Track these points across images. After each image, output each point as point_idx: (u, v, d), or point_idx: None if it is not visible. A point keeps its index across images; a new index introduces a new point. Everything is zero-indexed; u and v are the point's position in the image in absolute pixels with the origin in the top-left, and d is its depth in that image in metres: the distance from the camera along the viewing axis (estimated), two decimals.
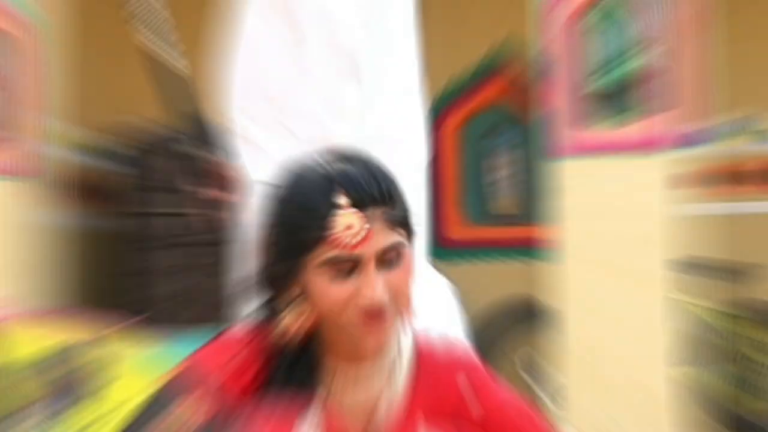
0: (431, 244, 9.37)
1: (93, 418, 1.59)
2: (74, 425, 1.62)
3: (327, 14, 3.36)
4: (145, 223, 8.33)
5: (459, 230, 9.79)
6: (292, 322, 2.39)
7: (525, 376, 8.18)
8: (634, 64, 6.42)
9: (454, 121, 9.68)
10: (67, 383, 1.55)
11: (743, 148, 9.57)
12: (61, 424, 1.59)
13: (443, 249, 9.30)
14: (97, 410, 1.60)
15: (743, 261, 9.05)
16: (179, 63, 3.63)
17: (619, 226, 6.45)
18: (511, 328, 8.84)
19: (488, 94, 9.54)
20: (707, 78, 6.98)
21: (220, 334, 2.59)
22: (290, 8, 3.47)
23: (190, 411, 1.89)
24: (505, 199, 9.70)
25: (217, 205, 3.69)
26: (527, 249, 8.19)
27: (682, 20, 6.48)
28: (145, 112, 6.92)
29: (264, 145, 3.41)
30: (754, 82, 9.51)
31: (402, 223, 2.38)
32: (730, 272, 8.75)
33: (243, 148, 3.47)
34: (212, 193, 3.55)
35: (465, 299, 8.69)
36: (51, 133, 6.81)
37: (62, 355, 1.52)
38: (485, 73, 9.56)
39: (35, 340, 1.53)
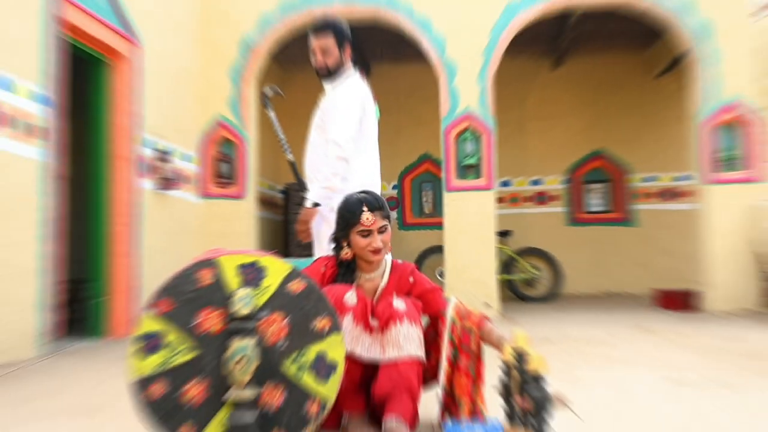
0: (401, 225, 9.75)
1: (258, 291, 1.76)
2: (252, 295, 1.78)
3: (336, 136, 3.16)
4: (289, 217, 8.37)
5: (411, 219, 9.58)
6: (345, 254, 2.43)
7: (438, 276, 8.03)
8: (478, 156, 6.76)
9: (409, 177, 9.60)
10: (252, 275, 1.76)
11: (524, 187, 9.39)
12: (248, 295, 1.75)
13: (405, 227, 9.61)
14: (259, 288, 1.79)
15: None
16: (291, 155, 3.79)
17: (472, 218, 6.75)
18: (431, 256, 8.69)
19: (422, 167, 9.54)
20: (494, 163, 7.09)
21: (316, 260, 2.58)
22: (324, 129, 3.26)
23: (299, 283, 1.86)
24: (428, 207, 9.52)
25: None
26: (437, 226, 8.12)
27: (486, 145, 6.80)
28: (286, 175, 6.78)
29: (313, 185, 3.26)
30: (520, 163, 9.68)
31: (387, 217, 2.42)
32: (509, 233, 8.86)
33: (309, 186, 3.33)
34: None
35: (413, 246, 8.99)
36: (251, 180, 6.93)
37: (249, 265, 1.72)
38: (420, 161, 9.52)
39: (241, 259, 1.73)
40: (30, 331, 4.28)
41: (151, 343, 1.68)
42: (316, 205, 3.20)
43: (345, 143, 3.17)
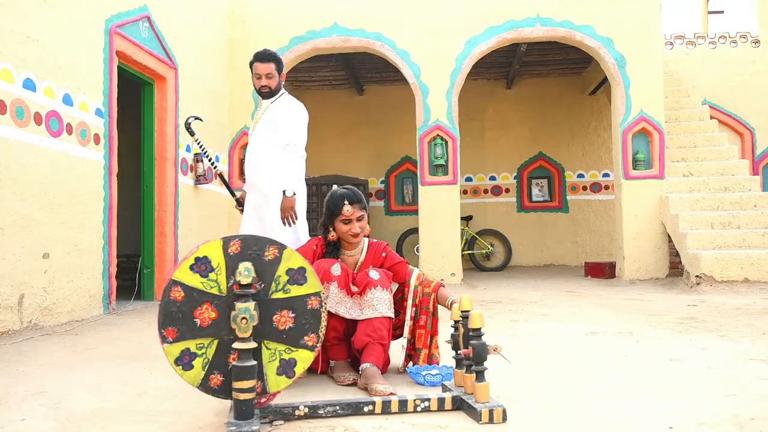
0: (387, 211, 9.64)
1: (217, 271, 1.60)
2: (250, 268, 1.63)
3: (297, 141, 3.11)
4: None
5: (395, 206, 9.34)
6: (331, 236, 2.38)
7: (415, 252, 7.98)
8: (445, 158, 6.75)
9: (393, 174, 9.34)
10: (203, 266, 1.68)
11: (483, 182, 9.26)
12: (248, 268, 1.59)
13: (390, 213, 9.43)
14: (216, 270, 1.65)
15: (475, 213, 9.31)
16: (220, 166, 3.70)
17: (442, 206, 6.76)
18: (410, 236, 8.67)
19: (404, 166, 9.27)
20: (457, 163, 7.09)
21: (309, 240, 2.49)
22: (279, 135, 3.15)
23: (235, 244, 1.69)
24: (408, 197, 9.25)
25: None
26: (415, 213, 8.17)
27: (452, 149, 6.82)
28: None
29: (287, 180, 3.03)
30: (480, 162, 9.62)
31: (364, 208, 2.36)
32: (470, 218, 8.88)
33: (279, 180, 3.09)
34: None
35: (397, 228, 8.94)
36: None
37: (195, 262, 1.61)
38: (402, 161, 9.24)
39: (186, 263, 1.59)
40: (97, 294, 4.31)
41: (185, 360, 1.68)
42: (293, 194, 3.17)
43: (302, 147, 3.20)
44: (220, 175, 3.56)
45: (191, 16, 5.88)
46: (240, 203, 3.45)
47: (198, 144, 3.59)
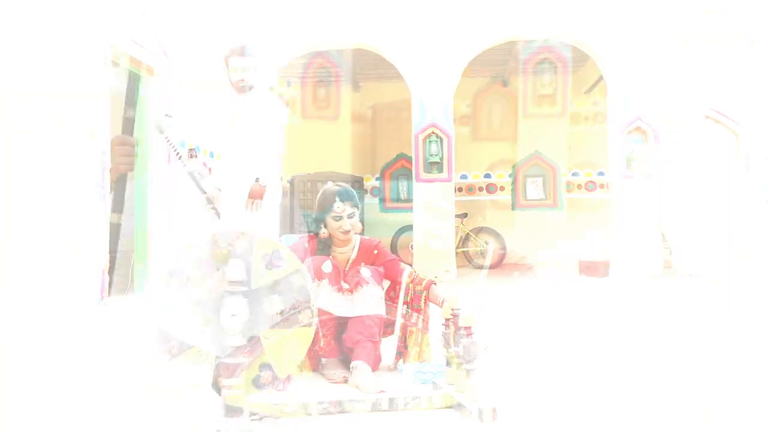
0: (381, 208, 9.56)
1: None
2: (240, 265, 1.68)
3: (280, 140, 3.47)
4: (294, 202, 8.33)
5: (389, 204, 9.34)
6: (323, 233, 2.38)
7: (410, 249, 7.44)
8: (440, 155, 6.74)
9: (388, 172, 9.37)
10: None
11: (478, 180, 9.27)
12: (239, 264, 1.63)
13: (385, 210, 9.41)
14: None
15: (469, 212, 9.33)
16: (192, 167, 3.82)
17: (437, 203, 6.70)
18: (405, 233, 8.25)
19: (399, 163, 9.23)
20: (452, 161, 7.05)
21: (301, 238, 2.49)
22: (264, 131, 3.34)
23: (271, 242, 1.76)
24: (403, 194, 9.22)
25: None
26: (410, 210, 8.08)
27: (447, 146, 6.80)
28: (292, 167, 6.92)
29: (268, 173, 3.42)
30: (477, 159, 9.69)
31: (356, 205, 2.37)
32: (465, 215, 8.79)
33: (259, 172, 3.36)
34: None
35: (392, 225, 8.93)
36: None
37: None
38: (397, 158, 9.21)
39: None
40: (90, 290, 4.22)
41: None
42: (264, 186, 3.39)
43: (282, 144, 3.43)
44: (190, 173, 3.57)
45: (186, 9, 5.83)
46: (209, 201, 3.48)
47: (169, 143, 3.60)
